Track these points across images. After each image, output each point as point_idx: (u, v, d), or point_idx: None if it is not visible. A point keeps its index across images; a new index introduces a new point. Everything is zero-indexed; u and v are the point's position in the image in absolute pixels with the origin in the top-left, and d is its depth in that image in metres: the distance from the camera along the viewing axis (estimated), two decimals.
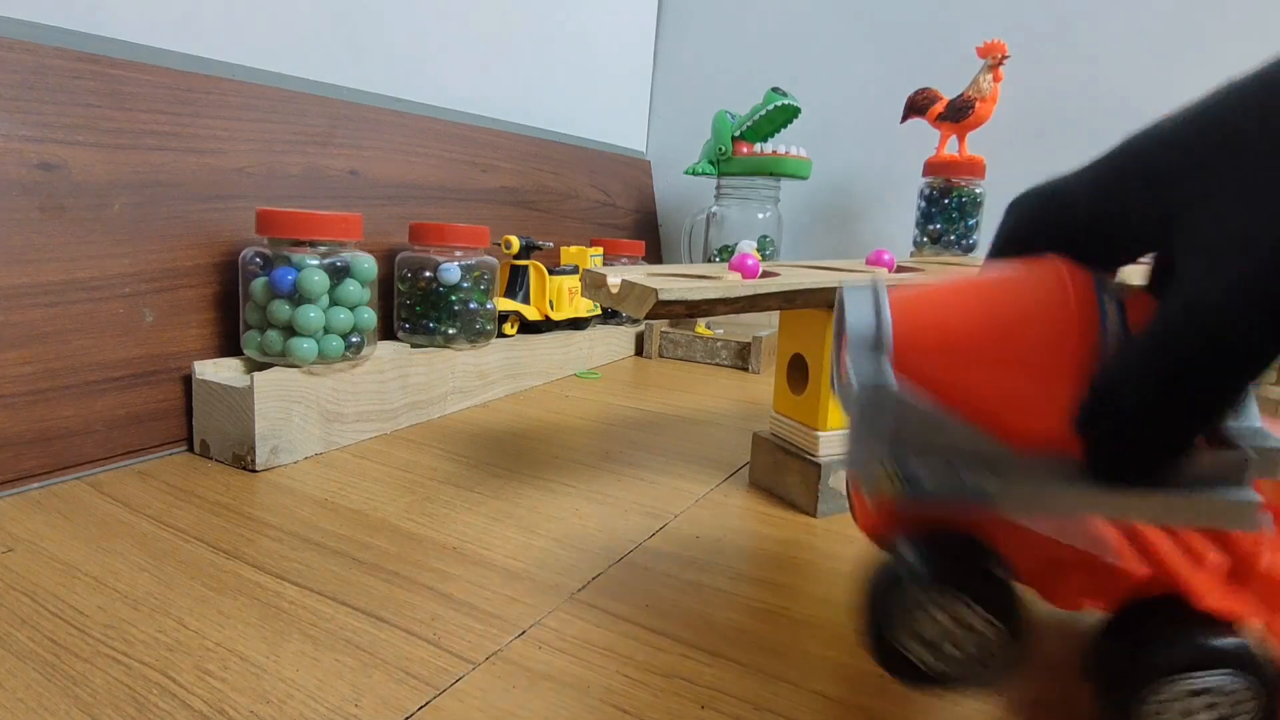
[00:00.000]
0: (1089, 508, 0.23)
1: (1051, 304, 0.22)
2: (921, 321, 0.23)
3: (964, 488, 0.23)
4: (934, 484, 0.23)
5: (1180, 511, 0.22)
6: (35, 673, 0.28)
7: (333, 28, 0.69)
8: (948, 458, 0.23)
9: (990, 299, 0.23)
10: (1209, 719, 0.23)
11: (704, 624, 0.34)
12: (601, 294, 0.43)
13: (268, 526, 0.42)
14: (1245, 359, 0.19)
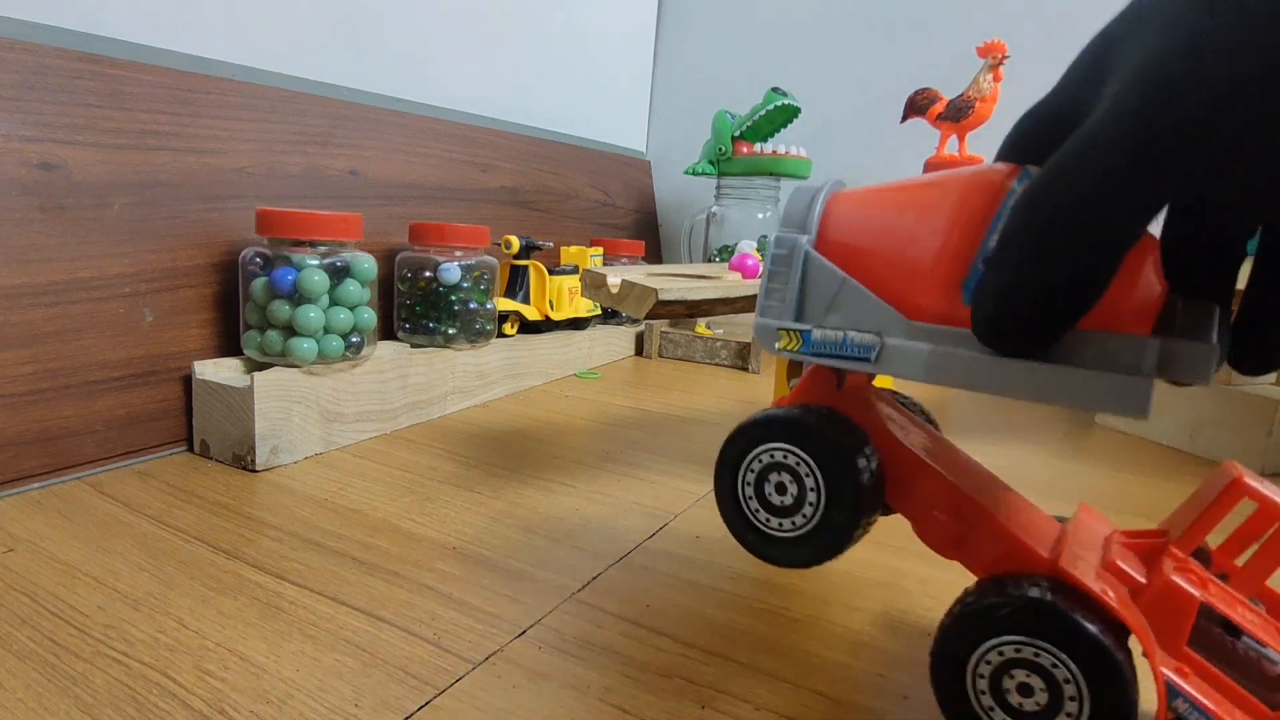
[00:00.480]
0: (963, 376, 0.23)
1: (966, 188, 0.23)
2: (849, 209, 0.26)
3: (846, 344, 0.25)
4: (821, 338, 0.26)
5: (1059, 387, 0.21)
6: (35, 673, 0.28)
7: (333, 28, 0.69)
8: (844, 323, 0.26)
9: (919, 187, 0.25)
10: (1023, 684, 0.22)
11: (704, 624, 0.34)
12: (601, 294, 0.43)
13: (268, 526, 0.42)
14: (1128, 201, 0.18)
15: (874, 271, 0.25)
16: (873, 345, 0.24)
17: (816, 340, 0.26)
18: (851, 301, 0.25)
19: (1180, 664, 0.21)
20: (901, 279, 0.24)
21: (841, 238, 0.26)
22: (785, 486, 0.26)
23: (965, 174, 0.24)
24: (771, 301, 0.27)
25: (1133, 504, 0.52)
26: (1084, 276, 0.19)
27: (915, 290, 0.24)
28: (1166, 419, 0.67)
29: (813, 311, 0.26)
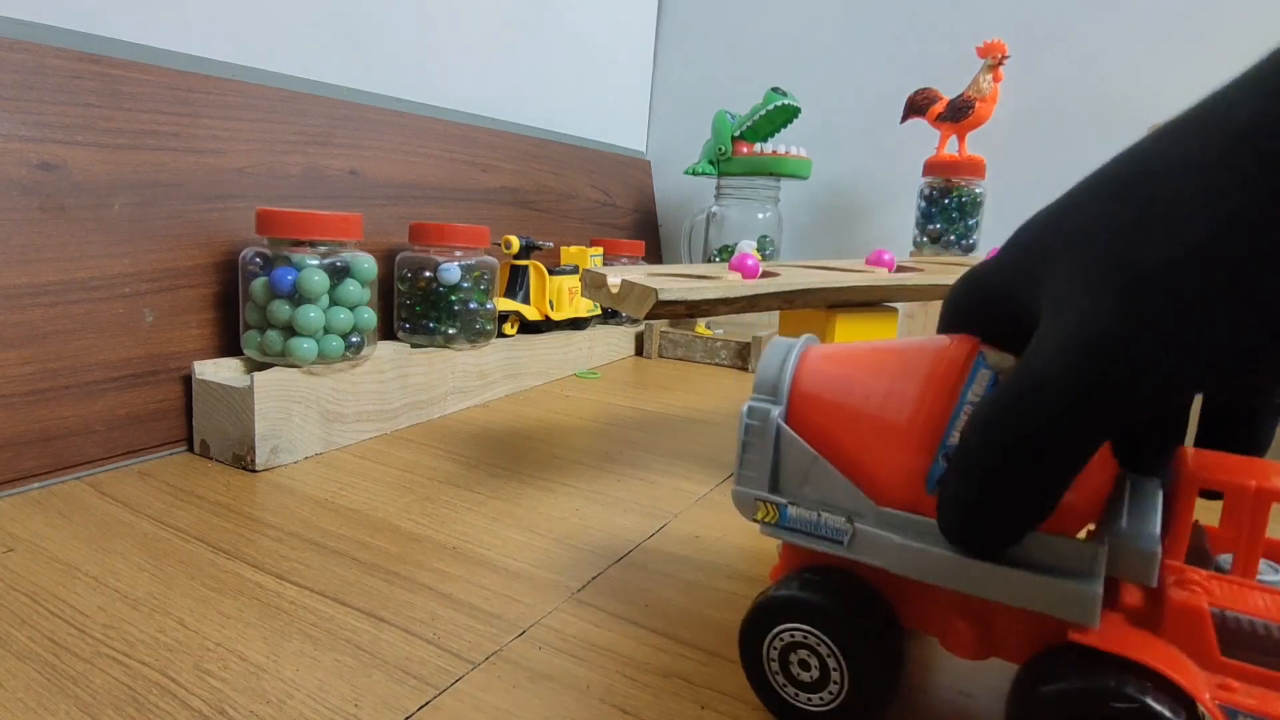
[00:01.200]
0: (930, 571, 0.23)
1: (925, 372, 0.25)
2: (817, 377, 0.27)
3: (820, 525, 0.26)
4: (796, 515, 0.26)
5: (1018, 591, 0.22)
6: (35, 673, 0.28)
7: (333, 28, 0.69)
8: (815, 497, 0.26)
9: (882, 365, 0.26)
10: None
11: (704, 624, 0.34)
12: (601, 294, 0.43)
13: (268, 526, 0.42)
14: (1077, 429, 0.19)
15: (844, 451, 0.26)
16: (844, 530, 0.25)
17: (792, 517, 0.26)
18: (823, 480, 0.26)
19: (1222, 677, 0.21)
20: (869, 462, 0.25)
21: (812, 411, 0.27)
22: (808, 663, 0.26)
23: (928, 353, 0.25)
24: (748, 471, 0.27)
25: None
26: (1041, 497, 0.21)
27: (883, 475, 0.25)
28: None
29: (787, 484, 0.27)
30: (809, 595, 0.25)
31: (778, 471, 0.27)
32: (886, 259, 0.52)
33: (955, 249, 0.88)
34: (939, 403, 0.24)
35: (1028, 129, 0.96)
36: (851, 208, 1.10)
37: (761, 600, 0.26)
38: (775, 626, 0.26)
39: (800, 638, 0.26)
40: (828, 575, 0.26)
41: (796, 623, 0.26)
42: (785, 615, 0.26)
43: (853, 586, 0.26)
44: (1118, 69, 0.90)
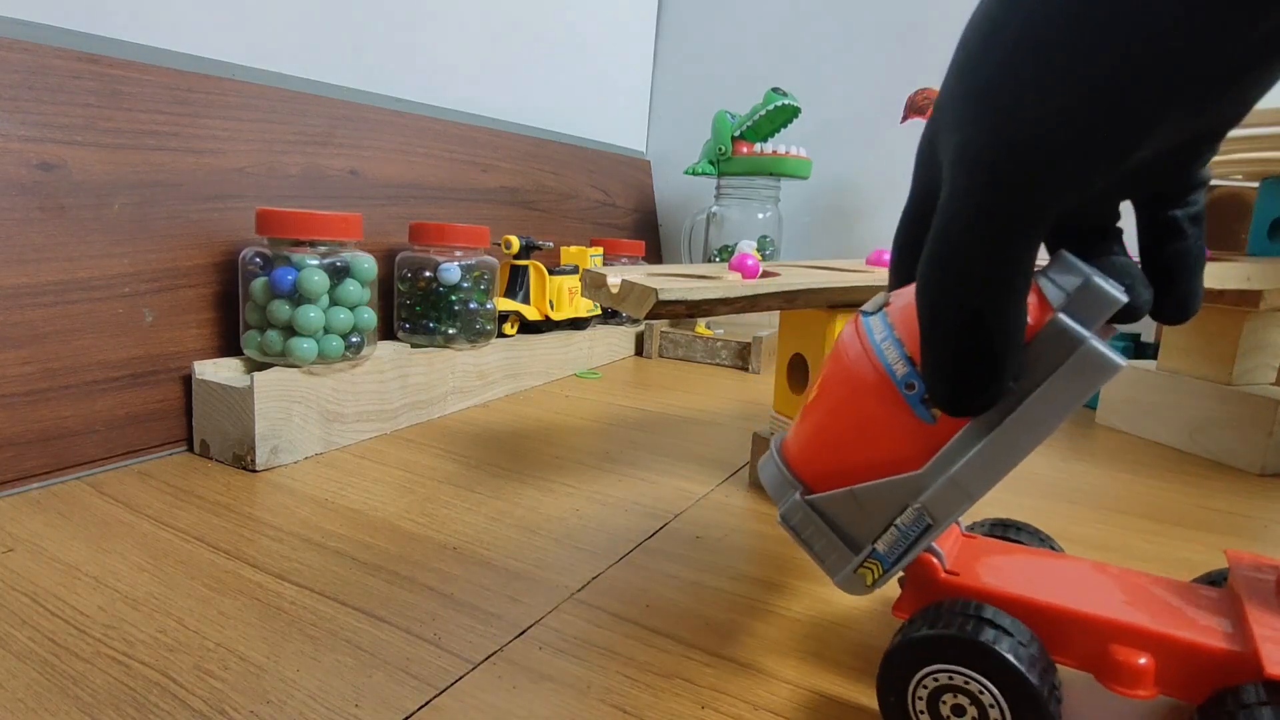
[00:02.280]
0: (994, 462, 0.23)
1: (842, 365, 0.26)
2: (802, 450, 0.28)
3: (905, 532, 0.25)
4: (886, 547, 0.26)
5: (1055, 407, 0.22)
6: (35, 673, 0.28)
7: (333, 28, 0.69)
8: (880, 519, 0.26)
9: (820, 399, 0.28)
10: None
11: (704, 624, 0.34)
12: (601, 294, 0.43)
13: (268, 526, 0.42)
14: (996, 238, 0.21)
15: (860, 468, 0.26)
16: (920, 514, 0.25)
17: (885, 552, 0.26)
18: (873, 500, 0.26)
19: None
20: (884, 453, 0.26)
21: (817, 473, 0.27)
22: (963, 707, 0.25)
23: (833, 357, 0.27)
24: (829, 558, 0.27)
25: (1133, 504, 0.52)
26: (998, 322, 0.21)
27: (901, 451, 0.25)
28: (1166, 419, 0.67)
29: (858, 533, 0.26)
30: (963, 633, 0.24)
31: (842, 534, 0.27)
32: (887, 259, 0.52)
33: None
34: (868, 367, 0.25)
35: None
36: (851, 208, 1.10)
37: (906, 640, 0.25)
38: (923, 668, 0.25)
39: (951, 679, 0.24)
40: (971, 610, 0.25)
41: (949, 664, 0.24)
42: (937, 656, 0.24)
43: (1008, 623, 0.24)
44: None
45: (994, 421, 0.23)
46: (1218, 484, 0.57)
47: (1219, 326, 0.64)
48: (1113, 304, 0.22)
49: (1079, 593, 0.26)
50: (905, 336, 0.25)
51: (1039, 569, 0.28)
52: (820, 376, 0.28)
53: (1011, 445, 0.23)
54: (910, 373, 0.24)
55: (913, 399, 0.24)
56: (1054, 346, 0.22)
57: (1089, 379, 0.22)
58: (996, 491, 0.55)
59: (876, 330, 0.26)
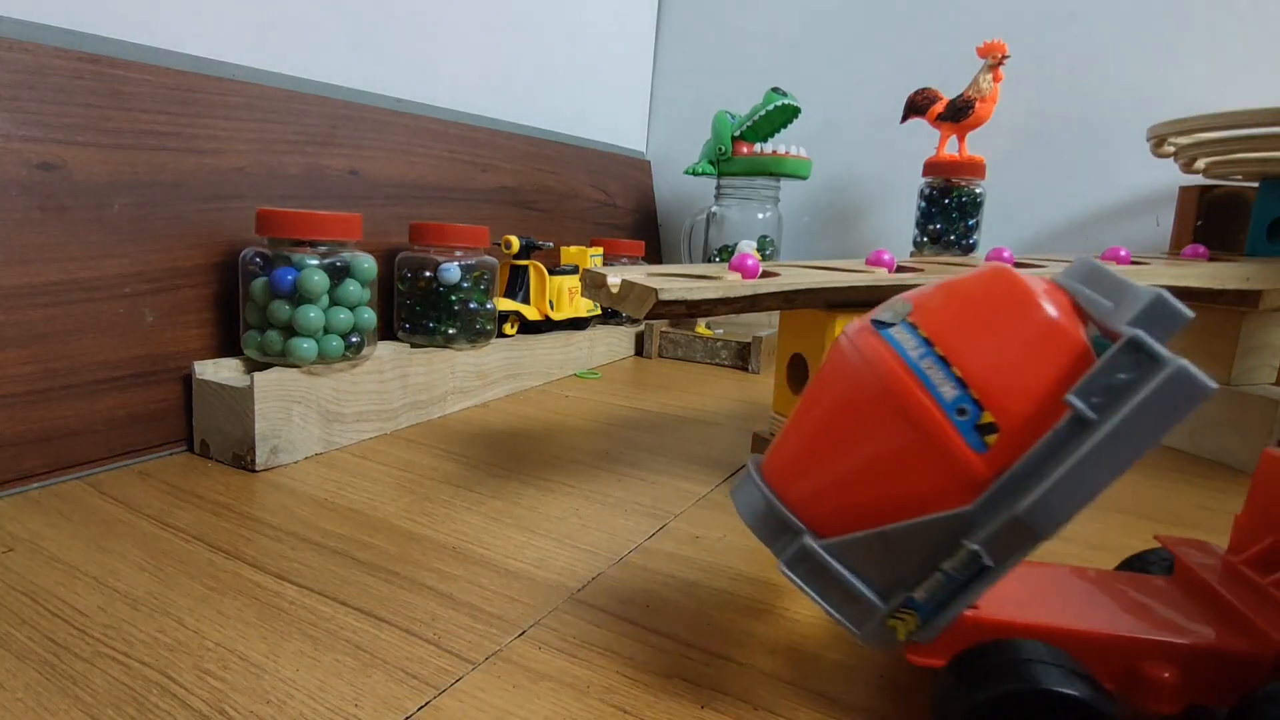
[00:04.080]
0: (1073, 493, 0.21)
1: (866, 391, 0.23)
2: (801, 477, 0.25)
3: (952, 577, 0.23)
4: (929, 595, 0.23)
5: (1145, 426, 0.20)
6: (35, 673, 0.28)
7: (333, 28, 0.69)
8: (917, 564, 0.23)
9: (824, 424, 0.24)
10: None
11: (704, 624, 0.34)
12: (601, 294, 0.43)
13: (268, 526, 0.42)
14: None
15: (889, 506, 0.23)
16: (975, 552, 0.22)
17: (924, 600, 0.23)
18: (908, 542, 0.23)
19: None
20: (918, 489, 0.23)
21: (825, 507, 0.24)
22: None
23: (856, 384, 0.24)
24: (847, 611, 0.24)
25: (1132, 504, 0.52)
26: None
27: (938, 485, 0.22)
28: None
29: (885, 581, 0.23)
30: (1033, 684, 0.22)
31: (868, 580, 0.24)
32: (886, 259, 0.52)
33: (955, 249, 0.88)
34: (903, 390, 0.23)
35: (1028, 129, 0.96)
36: (851, 208, 1.10)
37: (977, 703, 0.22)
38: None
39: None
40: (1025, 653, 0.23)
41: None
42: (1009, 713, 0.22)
43: (1068, 663, 0.22)
44: (1118, 69, 0.90)
45: (1067, 450, 0.21)
46: (1218, 484, 0.57)
47: (1218, 326, 0.64)
48: (1183, 321, 0.21)
49: (1097, 611, 0.25)
50: (952, 352, 0.22)
51: (1043, 587, 0.27)
52: (816, 393, 0.25)
53: (1092, 476, 0.21)
54: (961, 396, 0.22)
55: (964, 426, 0.22)
56: (1133, 367, 0.20)
57: (1182, 405, 0.20)
58: None
59: (909, 346, 0.23)
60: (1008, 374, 0.22)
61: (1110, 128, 0.91)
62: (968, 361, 0.22)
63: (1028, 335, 0.22)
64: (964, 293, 0.24)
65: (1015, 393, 0.22)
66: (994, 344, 0.22)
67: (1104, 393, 0.20)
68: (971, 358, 0.22)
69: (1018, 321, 0.22)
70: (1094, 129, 0.92)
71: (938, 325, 0.23)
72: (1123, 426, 0.20)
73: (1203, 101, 0.83)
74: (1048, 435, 0.21)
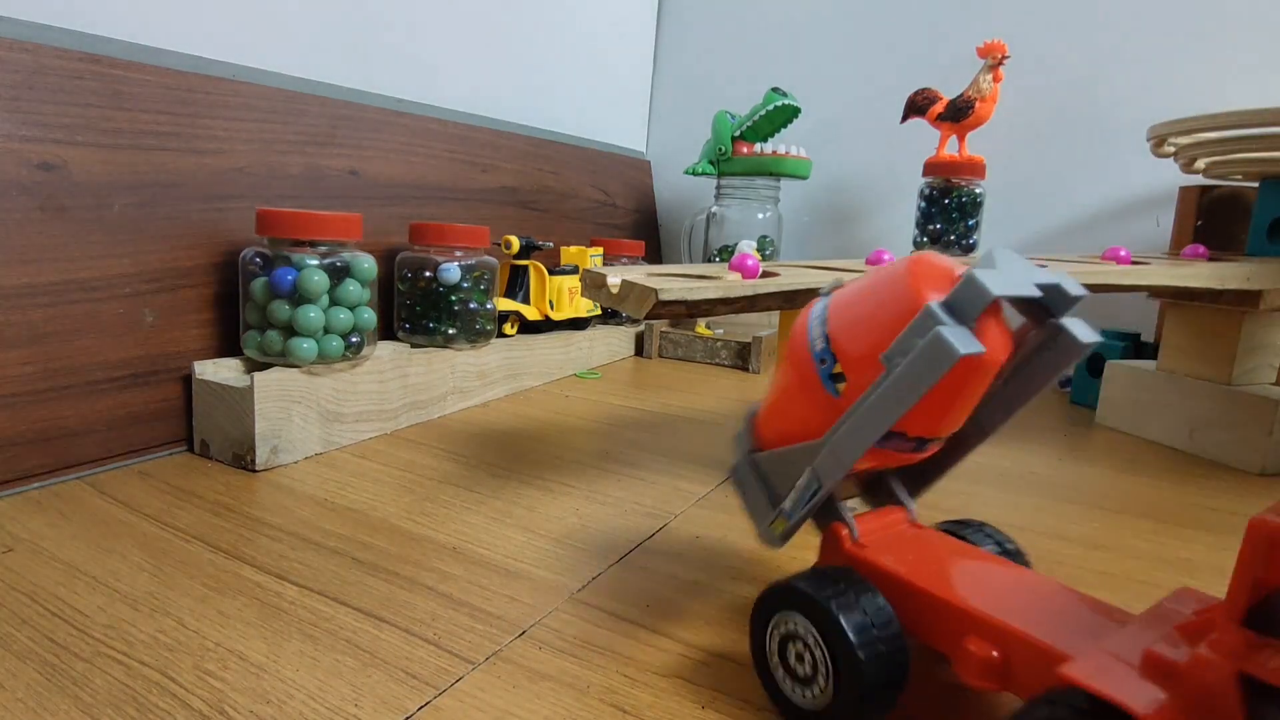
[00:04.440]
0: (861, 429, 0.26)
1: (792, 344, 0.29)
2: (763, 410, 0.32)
3: (803, 494, 0.28)
4: (791, 505, 0.29)
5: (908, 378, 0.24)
6: (35, 673, 0.28)
7: (333, 28, 0.69)
8: (791, 476, 0.29)
9: (777, 369, 0.31)
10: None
11: (704, 624, 0.34)
12: (601, 294, 0.43)
13: (268, 526, 0.42)
14: None
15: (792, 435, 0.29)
16: (813, 477, 0.28)
17: (789, 508, 0.29)
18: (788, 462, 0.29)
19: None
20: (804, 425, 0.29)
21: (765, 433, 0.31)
22: (803, 656, 0.27)
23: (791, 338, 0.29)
24: (756, 512, 0.31)
25: (1132, 504, 0.52)
26: None
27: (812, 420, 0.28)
28: (1166, 419, 0.67)
29: (780, 492, 0.30)
30: (806, 583, 0.26)
31: (771, 492, 0.30)
32: (886, 259, 0.52)
33: (955, 249, 0.88)
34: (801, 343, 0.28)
35: (1028, 129, 0.96)
36: (851, 208, 1.10)
37: (768, 587, 0.28)
38: (777, 613, 0.27)
39: (794, 627, 0.27)
40: (838, 575, 0.27)
41: (796, 613, 0.27)
42: (791, 604, 0.27)
43: (863, 592, 0.26)
44: (1118, 69, 0.90)
45: (867, 396, 0.25)
46: (1217, 484, 0.57)
47: (1219, 327, 0.64)
48: (985, 299, 0.23)
49: (963, 584, 0.27)
50: (831, 317, 0.27)
51: (946, 562, 0.29)
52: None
53: (871, 416, 0.25)
54: (824, 350, 0.27)
55: (824, 373, 0.27)
56: (922, 332, 0.24)
57: (934, 363, 0.23)
58: (995, 490, 0.55)
59: (816, 310, 0.28)
60: (859, 333, 0.26)
61: (1110, 128, 0.91)
62: (836, 321, 0.27)
63: (888, 304, 0.26)
64: (875, 270, 0.28)
65: (858, 349, 0.26)
66: (861, 309, 0.27)
67: (902, 354, 0.24)
68: (839, 319, 0.27)
69: (887, 292, 0.26)
70: (1094, 129, 0.92)
71: (839, 296, 0.28)
72: (895, 378, 0.24)
73: (1203, 101, 0.83)
74: (871, 386, 0.26)
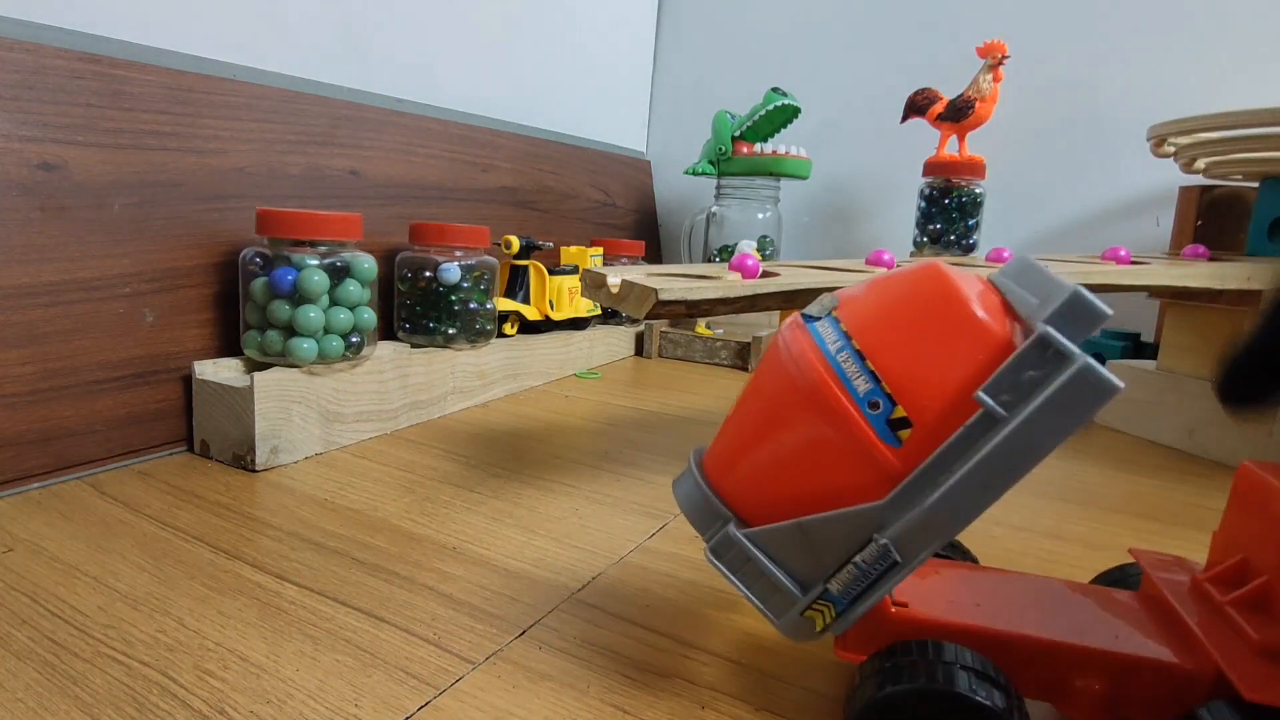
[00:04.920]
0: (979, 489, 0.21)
1: (789, 382, 0.23)
2: (728, 470, 0.25)
3: (866, 570, 0.23)
4: (841, 588, 0.23)
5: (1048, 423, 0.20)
6: (35, 673, 0.28)
7: (333, 28, 0.68)
8: (837, 555, 0.23)
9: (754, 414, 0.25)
10: None
11: (705, 624, 0.34)
12: (601, 294, 0.43)
13: (268, 526, 0.42)
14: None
15: (808, 497, 0.23)
16: (886, 548, 0.22)
17: (840, 592, 0.23)
18: (825, 533, 0.23)
19: None
20: (837, 481, 0.23)
21: (751, 497, 0.24)
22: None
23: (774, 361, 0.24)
24: (770, 600, 0.24)
25: (1131, 504, 0.52)
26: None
27: (857, 478, 0.22)
28: (1166, 419, 0.67)
29: (805, 572, 0.24)
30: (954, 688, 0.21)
31: (788, 572, 0.24)
32: (886, 259, 0.52)
33: (955, 249, 0.88)
34: (820, 382, 0.22)
35: (1028, 129, 0.96)
36: (851, 208, 1.10)
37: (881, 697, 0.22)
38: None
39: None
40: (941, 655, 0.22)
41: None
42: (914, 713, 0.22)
43: (980, 665, 0.22)
44: (1118, 69, 0.90)
45: (975, 447, 0.21)
46: (1217, 484, 0.57)
47: (1219, 326, 0.64)
48: (1100, 318, 0.20)
49: (1032, 616, 0.25)
50: (868, 347, 0.22)
51: (980, 589, 0.27)
52: (751, 386, 0.25)
53: (996, 473, 0.21)
54: (875, 389, 0.22)
55: (877, 420, 0.22)
56: (1041, 363, 0.20)
57: (1087, 402, 0.20)
58: None
59: (829, 339, 0.23)
60: (923, 369, 0.22)
61: (1110, 128, 0.91)
62: (883, 355, 0.22)
63: (945, 331, 0.22)
64: (890, 288, 0.24)
65: (929, 388, 0.22)
66: (911, 339, 0.22)
67: (1012, 390, 0.20)
68: (887, 352, 0.22)
69: (937, 317, 0.22)
70: (1094, 129, 0.92)
71: (859, 320, 0.23)
72: (1026, 424, 0.20)
73: (1203, 101, 0.83)
74: (959, 431, 0.21)
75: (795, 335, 0.24)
